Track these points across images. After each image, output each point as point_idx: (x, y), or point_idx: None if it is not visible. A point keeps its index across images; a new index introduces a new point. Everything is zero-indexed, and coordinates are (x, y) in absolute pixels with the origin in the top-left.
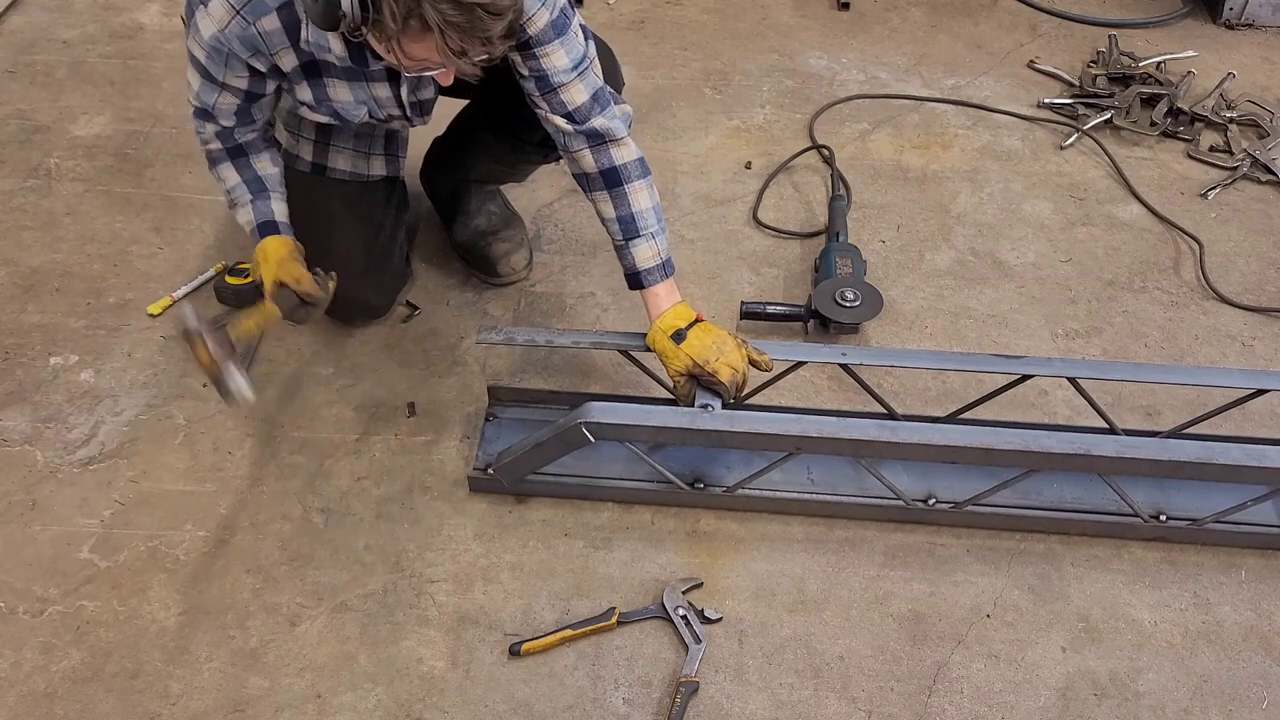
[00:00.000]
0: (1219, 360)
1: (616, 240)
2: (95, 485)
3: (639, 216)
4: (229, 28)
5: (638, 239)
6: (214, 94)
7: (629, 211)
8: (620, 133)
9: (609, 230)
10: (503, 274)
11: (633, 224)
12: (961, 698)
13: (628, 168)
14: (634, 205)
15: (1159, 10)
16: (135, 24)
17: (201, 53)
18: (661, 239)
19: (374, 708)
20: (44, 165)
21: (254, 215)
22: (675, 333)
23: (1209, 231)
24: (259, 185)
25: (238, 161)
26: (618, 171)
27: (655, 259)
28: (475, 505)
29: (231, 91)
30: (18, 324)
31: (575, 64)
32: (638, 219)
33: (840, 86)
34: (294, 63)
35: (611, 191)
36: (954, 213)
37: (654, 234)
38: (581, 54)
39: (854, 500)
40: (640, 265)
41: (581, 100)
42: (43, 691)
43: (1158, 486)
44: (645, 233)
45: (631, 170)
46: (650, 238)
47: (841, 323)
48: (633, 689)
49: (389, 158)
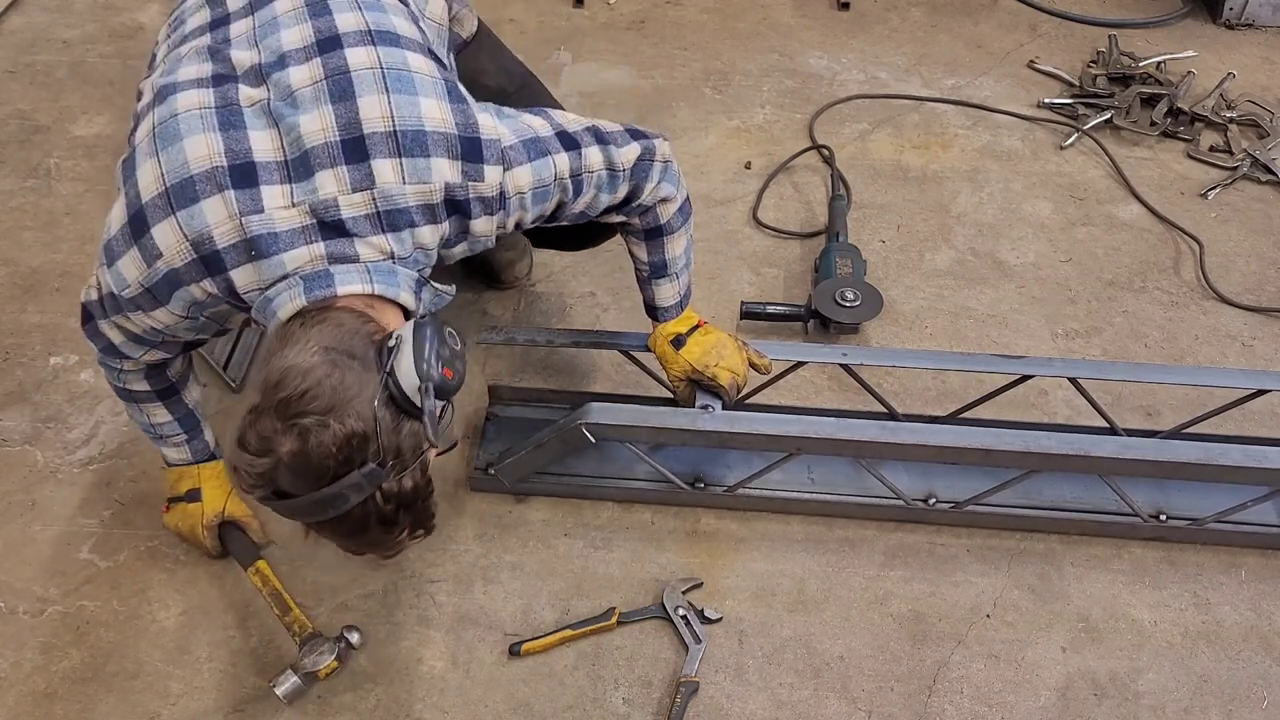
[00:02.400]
0: (1219, 360)
1: (641, 274)
2: (95, 485)
3: (670, 261)
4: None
5: (663, 280)
6: (140, 350)
7: (661, 258)
8: (671, 195)
9: (635, 264)
10: (505, 281)
11: (663, 268)
12: (961, 698)
13: (671, 222)
14: (668, 253)
15: (1159, 10)
16: (135, 24)
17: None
18: (685, 276)
19: (374, 708)
20: (44, 165)
21: (190, 454)
22: (675, 338)
23: (1209, 231)
24: (192, 421)
25: (169, 401)
26: (661, 229)
27: (675, 298)
28: (475, 505)
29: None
30: (18, 324)
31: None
32: (669, 264)
33: (840, 86)
34: None
35: (649, 242)
36: (954, 213)
37: (678, 274)
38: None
39: (854, 500)
40: (660, 303)
41: (623, 196)
42: (43, 691)
43: (1158, 486)
44: (672, 274)
45: (674, 223)
46: (674, 278)
47: (841, 323)
48: (633, 689)
49: None
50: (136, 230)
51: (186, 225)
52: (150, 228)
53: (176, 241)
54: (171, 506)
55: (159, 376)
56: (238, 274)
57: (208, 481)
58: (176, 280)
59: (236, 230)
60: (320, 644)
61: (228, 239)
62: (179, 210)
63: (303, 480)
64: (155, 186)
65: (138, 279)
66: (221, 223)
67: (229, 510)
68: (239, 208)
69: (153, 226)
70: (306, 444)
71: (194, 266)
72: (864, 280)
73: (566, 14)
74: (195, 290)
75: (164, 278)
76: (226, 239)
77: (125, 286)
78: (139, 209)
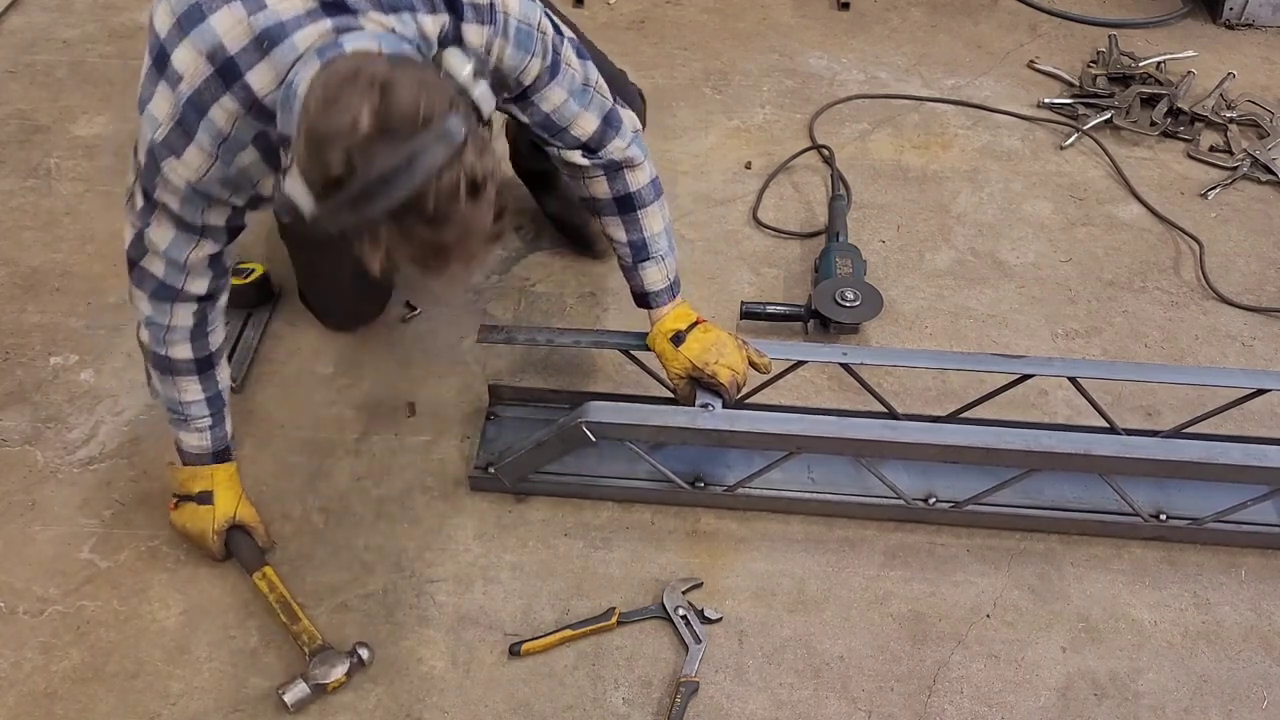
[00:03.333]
0: (1219, 360)
1: (624, 262)
2: (95, 485)
3: (651, 241)
4: (209, 173)
5: (647, 262)
6: (189, 246)
7: (641, 236)
8: (638, 158)
9: (618, 252)
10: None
11: (644, 248)
12: (961, 698)
13: (642, 193)
14: (646, 230)
15: (1159, 10)
16: (135, 24)
17: (175, 201)
18: (670, 260)
19: (374, 708)
20: (44, 165)
21: (210, 442)
22: (675, 335)
23: (1209, 231)
24: (219, 404)
25: (204, 375)
26: (632, 198)
27: (664, 281)
28: (475, 505)
29: (212, 236)
30: (18, 324)
31: (577, 95)
32: (649, 243)
33: (840, 86)
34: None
35: (624, 217)
36: (954, 213)
37: (663, 256)
38: (582, 82)
39: (854, 499)
40: (649, 287)
41: (593, 128)
42: (43, 691)
43: (1158, 486)
44: (655, 255)
45: (646, 195)
46: (660, 260)
47: (841, 323)
48: (633, 689)
49: None
50: (159, 66)
51: (200, 42)
52: (169, 57)
53: (193, 60)
54: (180, 505)
55: (201, 341)
56: (254, 75)
57: (221, 485)
58: (200, 104)
59: (246, 31)
60: (332, 656)
61: (239, 42)
62: (190, 32)
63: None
64: (167, 21)
65: (167, 113)
66: (230, 29)
67: (240, 515)
68: (245, 11)
69: (171, 55)
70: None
71: (213, 82)
72: (864, 280)
73: (567, 14)
74: (218, 114)
75: (188, 102)
76: (238, 43)
77: (157, 127)
78: (159, 47)
